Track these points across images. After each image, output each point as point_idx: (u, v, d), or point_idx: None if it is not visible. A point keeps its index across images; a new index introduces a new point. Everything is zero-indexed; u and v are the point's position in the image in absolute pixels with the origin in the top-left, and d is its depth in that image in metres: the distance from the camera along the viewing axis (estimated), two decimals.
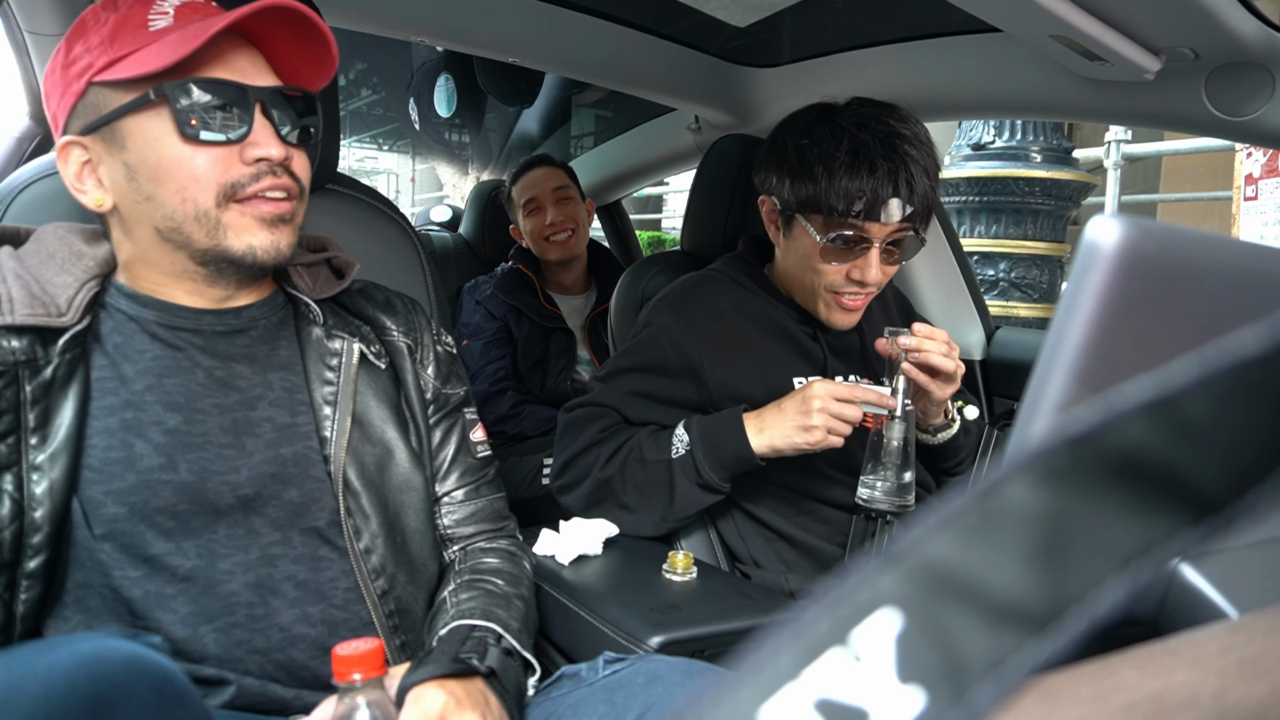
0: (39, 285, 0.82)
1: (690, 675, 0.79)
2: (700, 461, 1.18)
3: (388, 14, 1.52)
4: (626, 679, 0.81)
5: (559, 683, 0.88)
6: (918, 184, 1.15)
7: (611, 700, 0.79)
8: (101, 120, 0.81)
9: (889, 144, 1.15)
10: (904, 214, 1.16)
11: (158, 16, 0.81)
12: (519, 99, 3.04)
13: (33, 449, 0.78)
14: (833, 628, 0.17)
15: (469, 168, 4.40)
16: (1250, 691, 0.22)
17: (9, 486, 0.77)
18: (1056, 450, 0.18)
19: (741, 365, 1.26)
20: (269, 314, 0.93)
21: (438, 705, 0.71)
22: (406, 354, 1.00)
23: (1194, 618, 0.56)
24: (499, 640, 0.85)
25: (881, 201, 1.14)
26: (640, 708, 0.76)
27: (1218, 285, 0.39)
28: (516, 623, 0.90)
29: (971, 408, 1.31)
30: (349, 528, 0.89)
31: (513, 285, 2.22)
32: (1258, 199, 3.22)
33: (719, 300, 1.31)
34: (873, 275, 1.20)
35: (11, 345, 0.78)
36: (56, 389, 0.80)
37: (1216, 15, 1.04)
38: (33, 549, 0.77)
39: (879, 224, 1.16)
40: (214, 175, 0.81)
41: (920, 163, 1.15)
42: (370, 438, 0.93)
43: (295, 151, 0.86)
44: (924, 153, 1.17)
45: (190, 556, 0.82)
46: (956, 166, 3.71)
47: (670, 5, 1.54)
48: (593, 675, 0.85)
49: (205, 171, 0.81)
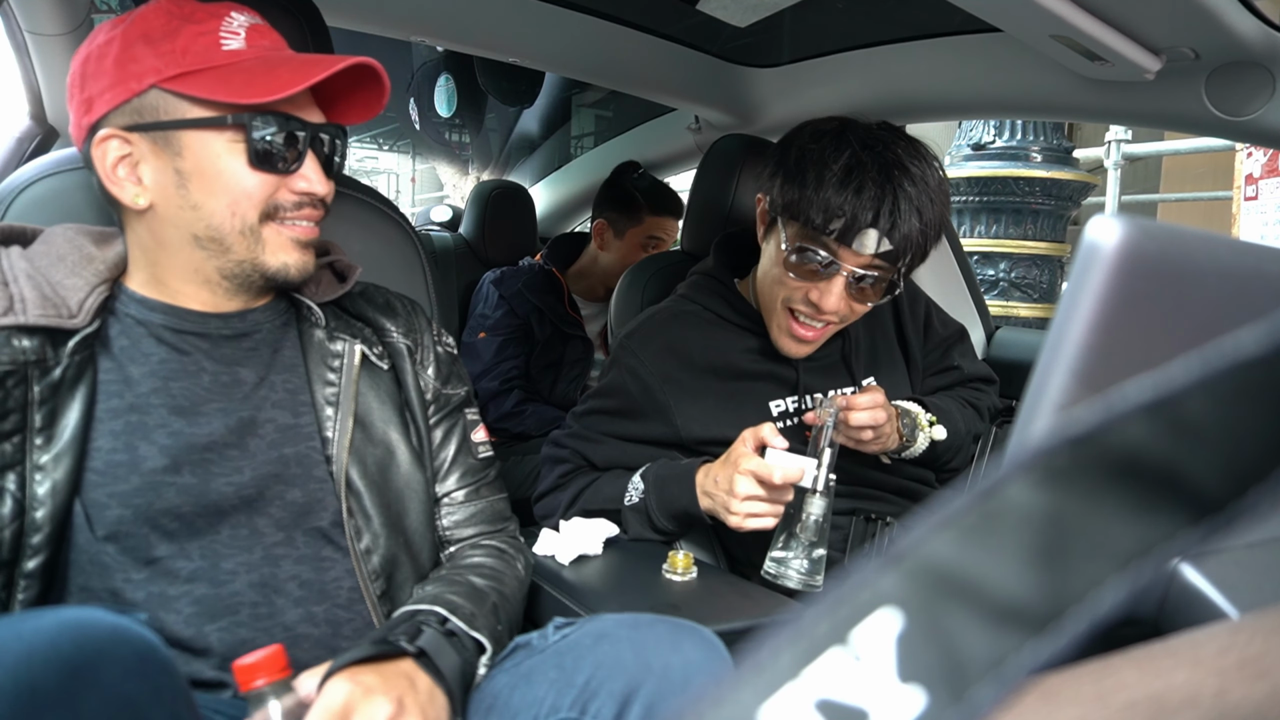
0: (50, 287, 0.82)
1: (637, 630, 0.78)
2: (653, 510, 1.19)
3: (388, 14, 1.52)
4: (575, 641, 0.81)
5: (513, 654, 0.88)
6: (903, 222, 1.08)
7: (561, 664, 0.79)
8: (161, 125, 0.83)
9: (886, 171, 1.08)
10: (879, 248, 1.09)
11: (229, 37, 0.84)
12: (519, 99, 3.03)
13: (37, 449, 0.78)
14: (833, 628, 0.17)
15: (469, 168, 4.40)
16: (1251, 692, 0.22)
17: (11, 485, 0.77)
18: (1057, 450, 0.18)
19: (712, 408, 1.25)
20: (273, 317, 0.94)
21: (341, 697, 0.69)
22: (407, 355, 1.00)
23: (1194, 618, 0.56)
24: (444, 623, 0.84)
25: (860, 227, 1.08)
26: (590, 668, 0.76)
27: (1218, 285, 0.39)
28: (471, 607, 0.87)
29: (939, 429, 1.26)
30: (350, 528, 0.89)
31: (541, 286, 2.21)
32: (1258, 199, 3.22)
33: (686, 341, 1.28)
34: (831, 303, 1.14)
35: (22, 345, 0.79)
36: (64, 390, 0.80)
37: (1217, 15, 1.04)
38: (32, 549, 0.77)
39: (852, 251, 1.10)
40: (263, 195, 0.85)
41: (914, 201, 1.08)
42: (372, 438, 0.94)
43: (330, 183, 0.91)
44: (923, 194, 1.09)
45: (194, 558, 0.82)
46: (956, 166, 3.71)
47: (670, 5, 1.54)
48: (543, 642, 0.85)
49: (257, 192, 0.85)
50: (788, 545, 1.09)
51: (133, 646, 0.57)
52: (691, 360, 1.28)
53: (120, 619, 0.59)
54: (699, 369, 1.27)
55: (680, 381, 1.26)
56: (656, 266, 1.68)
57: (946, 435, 1.27)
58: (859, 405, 1.13)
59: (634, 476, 1.22)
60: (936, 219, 1.11)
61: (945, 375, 1.43)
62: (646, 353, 1.28)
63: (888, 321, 1.40)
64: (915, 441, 1.25)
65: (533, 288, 2.20)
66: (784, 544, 1.09)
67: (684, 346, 1.28)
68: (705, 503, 1.14)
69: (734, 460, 1.10)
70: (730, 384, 1.27)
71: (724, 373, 1.28)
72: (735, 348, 1.29)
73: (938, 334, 1.43)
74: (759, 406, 1.26)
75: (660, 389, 1.25)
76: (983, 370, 1.47)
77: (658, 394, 1.25)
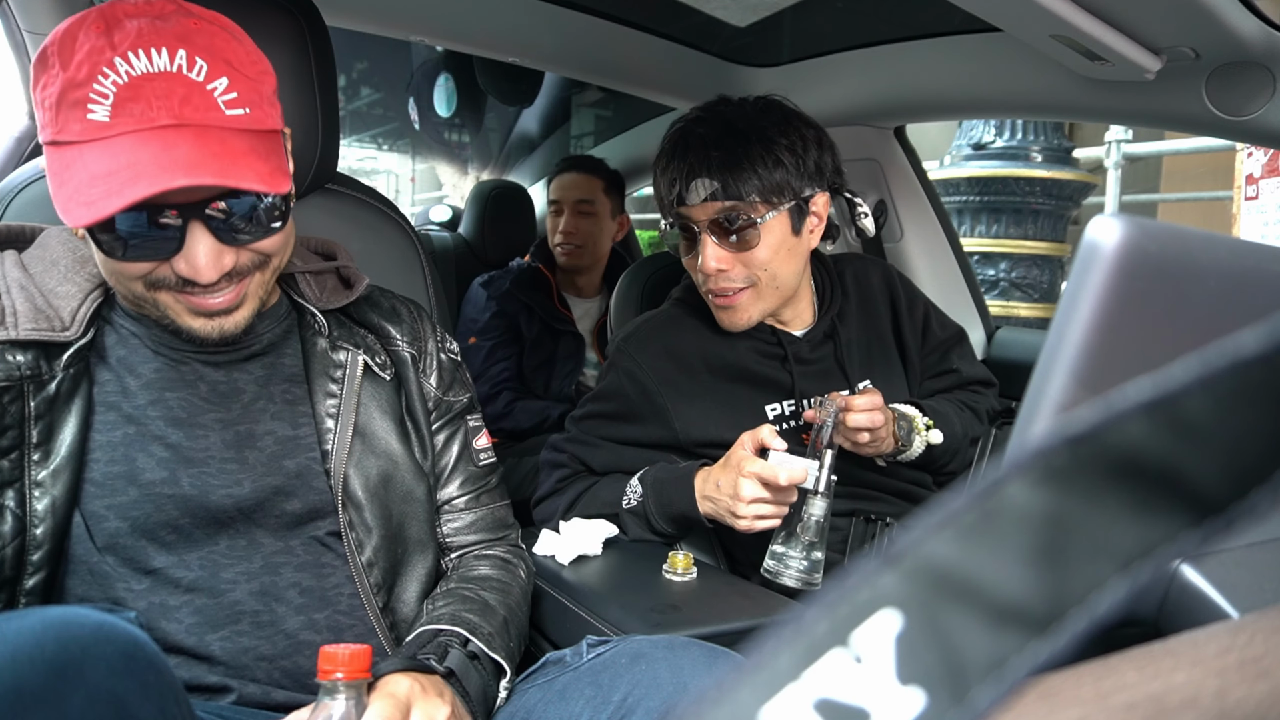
0: (43, 297, 0.81)
1: (673, 651, 0.78)
2: (652, 514, 1.19)
3: (388, 14, 1.52)
4: (610, 660, 0.81)
5: (544, 669, 0.88)
6: (732, 164, 1.14)
7: (597, 682, 0.79)
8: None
9: (710, 133, 1.17)
10: (709, 192, 1.15)
11: (97, 101, 0.72)
12: (519, 99, 3.04)
13: (35, 464, 0.77)
14: (833, 628, 0.17)
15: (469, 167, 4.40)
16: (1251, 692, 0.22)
17: (10, 503, 0.76)
18: (1056, 450, 0.18)
19: (709, 409, 1.26)
20: (273, 325, 0.92)
21: (404, 689, 0.70)
22: (410, 364, 0.99)
23: (1194, 618, 0.56)
24: (465, 644, 0.84)
25: (690, 178, 1.16)
26: (626, 687, 0.76)
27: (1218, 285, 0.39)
28: (488, 627, 0.88)
29: (936, 432, 1.27)
30: (351, 540, 0.89)
31: (529, 283, 2.22)
32: (1258, 199, 3.22)
33: (683, 342, 1.30)
34: (706, 264, 1.18)
35: (16, 359, 0.77)
36: (60, 404, 0.79)
37: (1217, 15, 1.04)
38: (33, 566, 0.77)
39: (693, 207, 1.18)
40: (136, 275, 0.77)
41: (737, 148, 1.15)
42: (374, 450, 0.93)
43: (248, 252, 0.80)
44: (761, 140, 1.15)
45: (193, 568, 0.81)
46: (956, 166, 3.71)
47: (670, 5, 1.54)
48: (577, 659, 0.85)
49: (128, 271, 0.77)
50: (788, 544, 1.09)
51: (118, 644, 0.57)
52: (689, 363, 1.28)
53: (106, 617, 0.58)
54: (696, 371, 1.28)
55: (678, 384, 1.26)
56: (656, 267, 1.68)
57: (943, 439, 1.27)
58: (857, 406, 1.13)
59: (632, 480, 1.22)
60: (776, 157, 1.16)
61: (944, 378, 1.43)
62: (644, 355, 1.28)
63: (885, 324, 1.39)
64: (911, 446, 1.25)
65: (521, 285, 2.20)
66: (784, 542, 1.09)
67: (681, 349, 1.29)
68: (706, 506, 1.14)
69: (735, 463, 1.10)
70: (727, 386, 1.28)
71: (720, 375, 1.28)
72: (731, 351, 1.29)
73: (936, 336, 1.42)
74: (755, 410, 1.26)
75: (659, 391, 1.25)
76: (982, 373, 1.47)
77: (656, 396, 1.26)
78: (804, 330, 1.32)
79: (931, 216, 1.97)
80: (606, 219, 2.25)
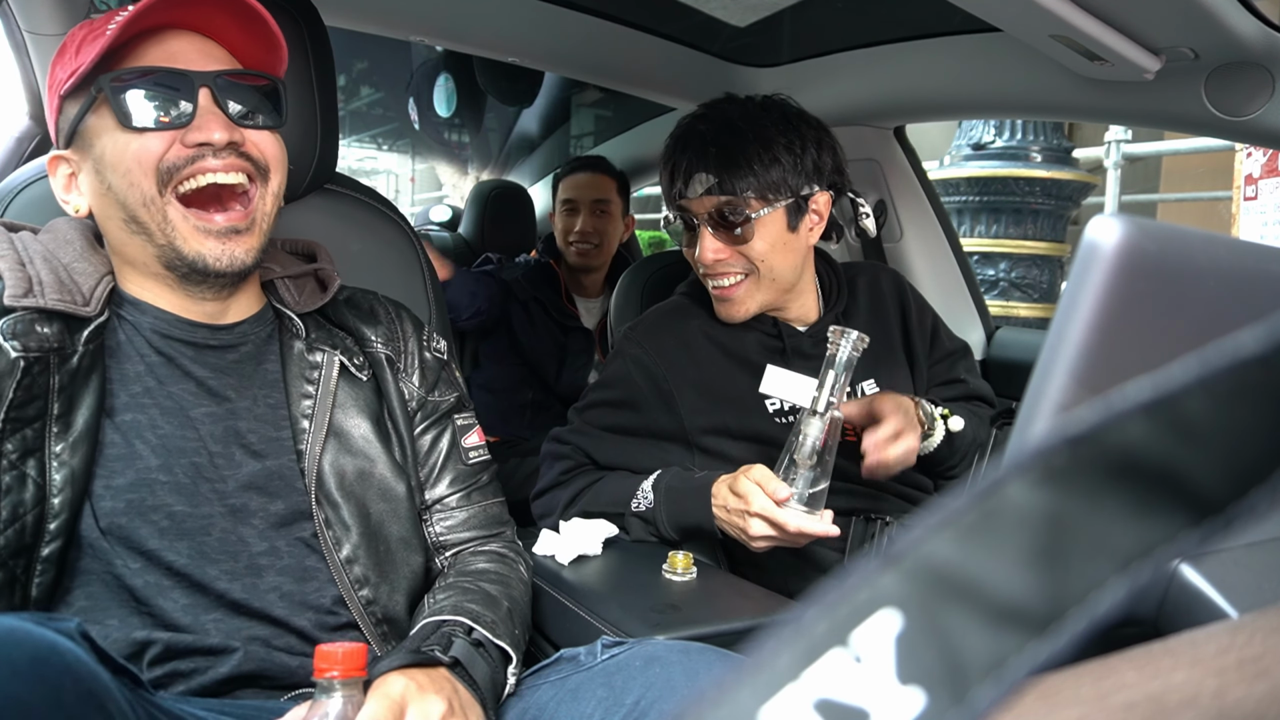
0: (65, 271, 0.84)
1: (688, 656, 0.78)
2: (662, 521, 1.19)
3: (388, 14, 1.53)
4: (625, 662, 0.81)
5: (557, 665, 0.88)
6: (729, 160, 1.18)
7: (610, 684, 0.79)
8: (69, 128, 0.85)
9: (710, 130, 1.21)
10: (707, 186, 1.19)
11: (112, 25, 0.81)
12: (519, 99, 3.04)
13: (55, 436, 0.79)
14: (833, 628, 0.17)
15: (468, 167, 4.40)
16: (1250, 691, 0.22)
17: (32, 471, 0.78)
18: (1056, 450, 0.18)
19: (714, 398, 1.26)
20: (258, 330, 0.95)
21: (399, 689, 0.70)
22: (387, 365, 1.00)
23: (1194, 618, 0.56)
24: (469, 633, 0.85)
25: (688, 173, 1.21)
26: (639, 690, 0.76)
27: (1218, 285, 0.39)
28: (491, 615, 0.89)
29: (956, 419, 1.27)
30: (329, 538, 0.90)
31: (539, 278, 2.24)
32: (1258, 199, 3.22)
33: (689, 330, 1.31)
34: (704, 254, 1.22)
35: (45, 331, 0.80)
36: (80, 379, 0.81)
37: (1216, 15, 1.04)
38: (50, 535, 0.78)
39: (692, 199, 1.22)
40: (150, 160, 0.82)
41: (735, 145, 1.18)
42: (350, 449, 0.94)
43: (253, 133, 0.86)
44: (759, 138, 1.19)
45: (182, 555, 0.83)
46: (956, 166, 3.71)
47: (670, 5, 1.54)
48: (591, 659, 0.85)
49: (144, 156, 0.82)
50: (787, 474, 1.07)
51: (26, 648, 0.55)
52: (695, 351, 1.29)
53: (15, 622, 0.57)
54: (701, 359, 1.29)
55: (685, 371, 1.27)
56: (656, 267, 1.68)
57: (963, 426, 1.27)
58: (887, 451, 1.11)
59: (644, 483, 1.22)
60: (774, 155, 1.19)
61: (950, 388, 1.43)
62: (651, 343, 1.29)
63: (894, 328, 1.40)
64: (935, 433, 1.24)
65: (531, 279, 2.22)
66: (784, 474, 1.08)
67: (688, 337, 1.30)
68: (720, 516, 1.14)
69: (743, 495, 1.09)
70: (730, 375, 1.29)
71: (724, 364, 1.29)
72: (735, 341, 1.30)
73: (944, 346, 1.43)
74: (755, 400, 1.27)
75: (665, 378, 1.27)
76: (985, 390, 1.48)
77: (663, 383, 1.26)
78: (807, 326, 1.32)
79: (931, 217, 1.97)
80: (619, 219, 2.28)
